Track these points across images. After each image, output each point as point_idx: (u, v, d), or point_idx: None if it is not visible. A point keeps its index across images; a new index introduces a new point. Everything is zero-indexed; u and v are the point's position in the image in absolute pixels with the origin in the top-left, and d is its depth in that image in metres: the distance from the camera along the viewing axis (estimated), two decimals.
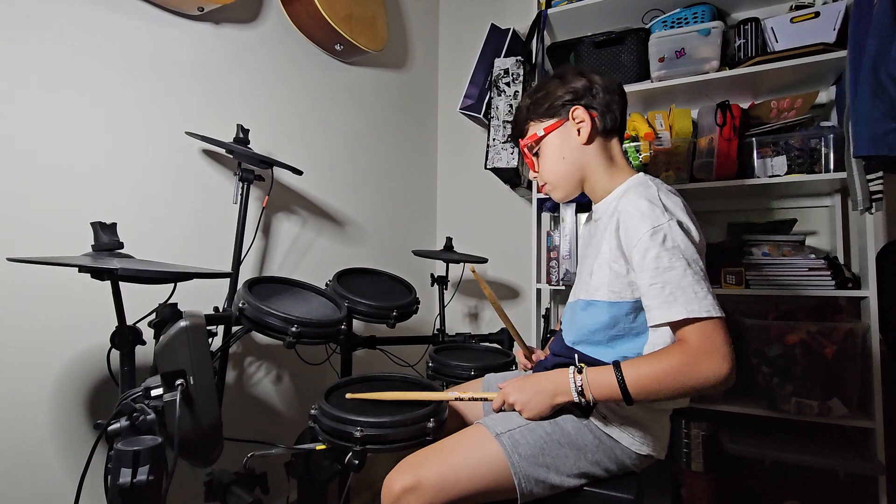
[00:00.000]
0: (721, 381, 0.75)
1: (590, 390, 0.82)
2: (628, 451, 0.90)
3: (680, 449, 1.56)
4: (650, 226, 0.81)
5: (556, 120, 0.97)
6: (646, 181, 0.91)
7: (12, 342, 0.96)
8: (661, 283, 0.79)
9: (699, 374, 0.75)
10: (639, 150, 1.73)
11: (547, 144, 0.99)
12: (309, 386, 1.63)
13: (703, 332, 0.76)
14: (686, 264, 0.78)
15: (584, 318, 0.94)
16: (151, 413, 0.71)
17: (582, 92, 0.96)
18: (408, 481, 0.81)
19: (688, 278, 0.77)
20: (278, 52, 1.57)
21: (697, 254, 0.81)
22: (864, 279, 1.46)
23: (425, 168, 2.42)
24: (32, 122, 1.00)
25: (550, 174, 1.00)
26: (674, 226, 0.81)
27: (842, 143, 1.46)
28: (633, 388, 0.79)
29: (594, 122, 0.95)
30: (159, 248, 1.21)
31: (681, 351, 0.77)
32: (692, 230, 0.83)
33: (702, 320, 0.76)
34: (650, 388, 0.78)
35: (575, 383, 0.84)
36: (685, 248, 0.79)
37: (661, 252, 0.79)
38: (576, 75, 0.97)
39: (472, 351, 1.52)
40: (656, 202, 0.83)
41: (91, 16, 1.10)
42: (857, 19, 1.27)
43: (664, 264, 0.79)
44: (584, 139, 0.95)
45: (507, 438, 0.86)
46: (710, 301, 0.77)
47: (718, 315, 0.76)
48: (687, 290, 0.77)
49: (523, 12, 2.13)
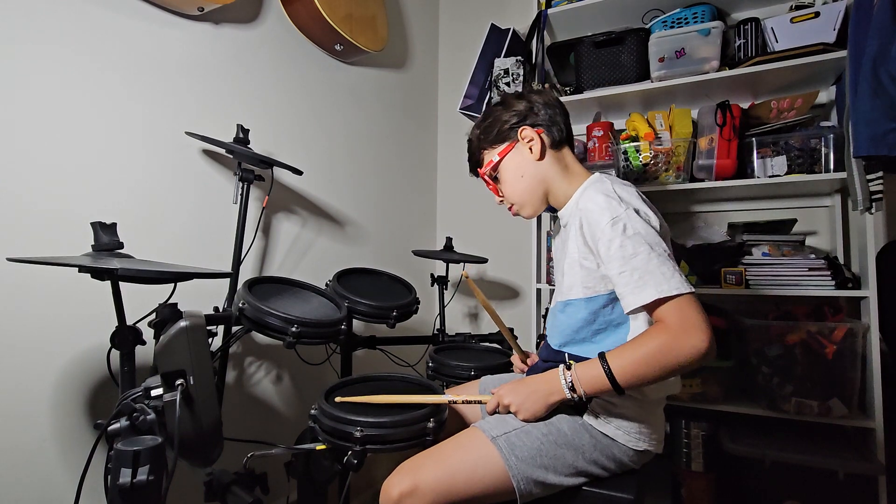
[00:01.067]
0: (703, 353, 0.76)
1: (580, 385, 0.84)
2: (625, 448, 0.91)
3: (680, 449, 1.57)
4: (609, 217, 0.84)
5: (507, 143, 1.02)
6: (600, 178, 0.96)
7: (12, 342, 0.96)
8: (629, 270, 0.82)
9: (681, 351, 0.77)
10: (639, 150, 1.73)
11: (504, 168, 1.03)
12: (309, 386, 1.63)
13: (678, 308, 0.79)
14: (649, 248, 0.81)
15: (564, 319, 0.97)
16: (151, 413, 0.71)
17: (525, 112, 1.01)
18: (405, 486, 0.81)
19: (653, 261, 0.80)
20: (278, 52, 1.57)
21: (659, 237, 0.84)
22: (864, 279, 1.46)
23: (425, 168, 2.42)
24: (32, 122, 1.00)
25: (514, 194, 1.04)
26: (631, 214, 0.84)
27: (842, 143, 1.46)
28: (621, 376, 0.80)
29: (541, 137, 1.00)
30: (159, 248, 1.21)
31: (659, 331, 0.80)
32: (650, 216, 0.87)
33: (673, 298, 0.78)
34: (637, 372, 0.79)
35: (565, 380, 0.85)
36: (646, 233, 0.83)
37: (624, 241, 0.82)
38: (516, 98, 1.04)
39: (471, 351, 1.52)
40: (612, 195, 0.87)
41: (91, 16, 1.10)
42: (857, 19, 1.27)
43: (629, 252, 0.82)
44: (538, 155, 0.99)
45: (503, 441, 0.86)
46: (677, 279, 0.79)
47: (688, 290, 0.79)
48: (654, 272, 0.80)
49: (523, 12, 2.13)
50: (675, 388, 0.97)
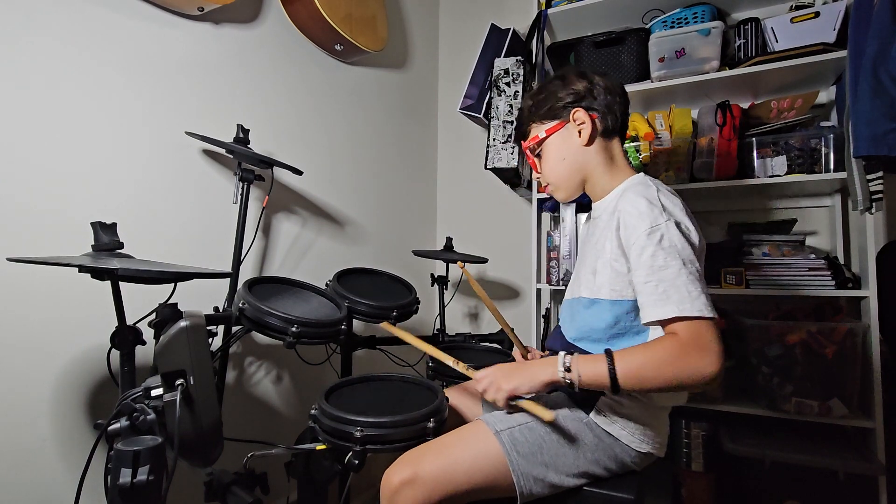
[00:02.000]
0: (708, 377, 0.75)
1: (578, 371, 0.81)
2: (628, 449, 0.90)
3: (680, 449, 1.56)
4: (648, 225, 0.81)
5: (557, 122, 0.98)
6: (646, 181, 0.92)
7: (12, 342, 0.96)
8: (655, 281, 0.79)
9: (688, 368, 0.75)
10: (639, 150, 1.73)
11: (548, 146, 0.99)
12: (309, 386, 1.63)
13: (695, 328, 0.76)
14: (681, 264, 0.79)
15: (588, 317, 0.95)
16: (151, 413, 0.71)
17: (583, 94, 0.96)
18: (406, 474, 0.81)
19: (682, 277, 0.78)
20: (278, 52, 1.57)
21: (695, 255, 0.81)
22: (864, 279, 1.46)
23: (425, 168, 2.42)
24: (33, 122, 1.00)
25: (552, 175, 1.01)
26: (671, 226, 0.81)
27: (842, 143, 1.46)
28: (623, 377, 0.78)
29: (595, 123, 0.96)
30: (159, 248, 1.21)
31: (672, 342, 0.77)
32: (691, 231, 0.84)
33: (692, 319, 0.76)
34: (640, 375, 0.78)
35: (564, 362, 0.83)
36: (682, 248, 0.80)
37: (657, 251, 0.80)
38: (578, 77, 0.98)
39: (471, 351, 1.52)
40: (655, 202, 0.84)
41: (91, 16, 1.10)
42: (857, 19, 1.27)
43: (659, 263, 0.79)
44: (585, 141, 0.95)
45: (506, 436, 0.86)
46: (702, 301, 0.77)
47: (710, 316, 0.76)
48: (681, 288, 0.77)
49: (523, 12, 2.13)
50: (682, 398, 0.97)
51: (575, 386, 0.82)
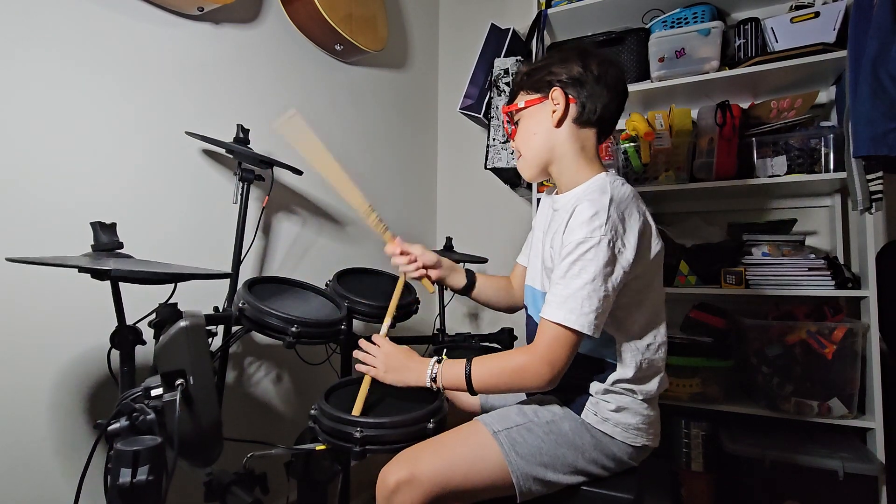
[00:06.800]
0: (541, 386, 0.84)
1: (441, 379, 0.90)
2: (623, 446, 0.91)
3: (680, 449, 1.56)
4: (583, 235, 0.83)
5: (538, 95, 0.98)
6: (605, 186, 0.89)
7: (12, 342, 0.96)
8: (563, 285, 0.83)
9: (531, 378, 0.84)
10: (639, 150, 1.73)
11: (525, 117, 1.00)
12: (309, 386, 1.63)
13: (561, 339, 0.82)
14: (591, 279, 0.81)
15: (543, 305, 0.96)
16: (151, 413, 0.71)
17: (572, 76, 0.94)
18: (403, 474, 0.81)
19: (584, 291, 0.81)
20: (278, 52, 1.57)
21: (623, 272, 0.84)
22: (864, 279, 1.46)
23: (425, 168, 2.42)
24: (32, 122, 1.00)
25: (522, 146, 1.02)
26: (603, 242, 0.82)
27: (842, 143, 1.46)
28: (476, 381, 0.87)
29: (569, 107, 0.94)
30: (159, 248, 1.21)
31: (524, 354, 0.85)
32: (627, 248, 0.84)
33: (568, 329, 0.81)
34: (490, 382, 0.87)
35: (431, 371, 0.91)
36: (603, 264, 0.81)
37: (578, 260, 0.83)
38: (577, 58, 0.95)
39: (471, 351, 1.52)
40: (601, 214, 0.83)
41: (91, 16, 1.10)
42: (857, 20, 1.27)
43: (574, 271, 0.83)
44: (555, 122, 0.95)
45: (504, 437, 0.87)
46: (587, 319, 0.80)
47: (586, 332, 0.81)
48: (577, 300, 0.81)
49: (523, 12, 2.12)
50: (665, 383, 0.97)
51: (441, 389, 0.91)
